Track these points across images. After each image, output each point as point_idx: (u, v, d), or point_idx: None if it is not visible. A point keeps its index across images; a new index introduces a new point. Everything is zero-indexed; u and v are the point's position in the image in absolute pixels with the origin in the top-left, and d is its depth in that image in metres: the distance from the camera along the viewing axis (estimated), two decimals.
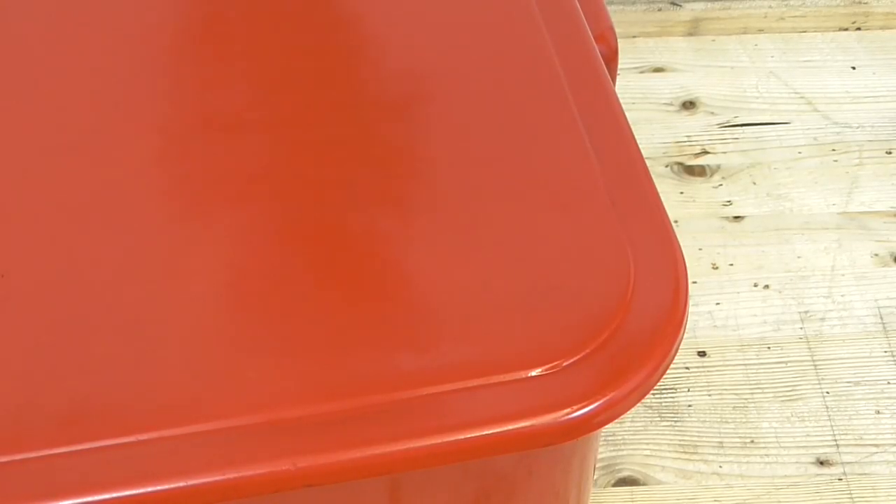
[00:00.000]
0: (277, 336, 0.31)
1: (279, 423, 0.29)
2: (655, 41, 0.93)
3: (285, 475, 0.27)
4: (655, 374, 0.30)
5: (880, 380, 0.69)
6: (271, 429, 0.28)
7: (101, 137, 0.35)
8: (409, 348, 0.29)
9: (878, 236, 0.77)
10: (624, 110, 0.36)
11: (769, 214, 0.79)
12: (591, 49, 0.38)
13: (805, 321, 0.72)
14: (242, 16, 0.40)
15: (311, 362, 0.30)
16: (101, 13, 0.40)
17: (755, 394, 0.68)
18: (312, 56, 0.38)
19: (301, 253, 0.33)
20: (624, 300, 0.30)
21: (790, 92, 0.88)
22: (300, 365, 0.30)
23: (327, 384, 0.29)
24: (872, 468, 0.65)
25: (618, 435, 0.66)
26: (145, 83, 0.37)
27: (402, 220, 0.33)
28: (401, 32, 0.39)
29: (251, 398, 0.29)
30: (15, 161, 0.35)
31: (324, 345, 0.30)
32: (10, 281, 0.31)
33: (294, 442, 0.27)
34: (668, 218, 0.33)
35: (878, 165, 0.82)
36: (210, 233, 0.33)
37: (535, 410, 0.28)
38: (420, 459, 0.28)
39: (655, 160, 0.82)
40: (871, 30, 0.93)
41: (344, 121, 0.36)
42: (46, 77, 0.38)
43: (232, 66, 0.38)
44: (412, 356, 0.29)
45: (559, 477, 0.37)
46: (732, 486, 0.64)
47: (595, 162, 0.34)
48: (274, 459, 0.27)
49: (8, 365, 0.30)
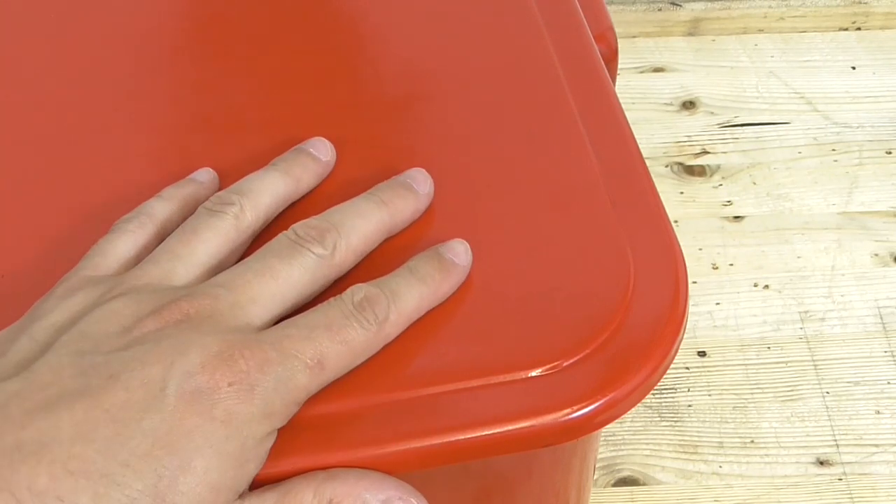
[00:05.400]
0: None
1: None
2: (655, 41, 0.93)
3: (284, 475, 0.27)
4: (655, 375, 0.30)
5: (880, 380, 0.69)
6: None
7: (100, 137, 0.35)
8: (409, 348, 0.29)
9: (878, 236, 0.77)
10: (624, 110, 0.36)
11: (769, 214, 0.79)
12: (591, 49, 0.38)
13: (805, 321, 0.72)
14: (242, 16, 0.40)
15: None
16: (101, 13, 0.40)
17: (755, 394, 0.68)
18: (312, 56, 0.38)
19: None
20: (624, 300, 0.30)
21: (790, 92, 0.88)
22: None
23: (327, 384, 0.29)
24: (872, 468, 0.65)
25: (618, 435, 0.66)
26: (144, 83, 0.37)
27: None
28: (400, 32, 0.39)
29: None
30: (15, 161, 0.35)
31: None
32: (9, 281, 0.31)
33: (294, 442, 0.27)
34: (668, 218, 0.33)
35: (878, 165, 0.82)
36: None
37: (535, 410, 0.28)
38: (420, 459, 0.28)
39: (655, 160, 0.82)
40: (871, 30, 0.93)
41: (342, 121, 0.36)
42: (46, 76, 0.38)
43: (231, 66, 0.38)
44: (412, 356, 0.29)
45: (559, 477, 0.37)
46: (732, 486, 0.64)
47: (595, 162, 0.34)
48: (273, 460, 0.27)
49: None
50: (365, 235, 0.30)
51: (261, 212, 0.31)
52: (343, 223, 0.30)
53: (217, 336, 0.26)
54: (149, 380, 0.25)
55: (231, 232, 0.30)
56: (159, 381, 0.25)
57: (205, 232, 0.29)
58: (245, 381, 0.25)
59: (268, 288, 0.28)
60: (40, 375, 0.25)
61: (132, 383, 0.25)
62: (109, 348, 0.26)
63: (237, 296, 0.27)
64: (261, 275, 0.28)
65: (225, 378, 0.25)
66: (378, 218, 0.30)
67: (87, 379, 0.25)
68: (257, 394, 0.25)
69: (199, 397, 0.25)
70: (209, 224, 0.30)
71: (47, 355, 0.25)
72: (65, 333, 0.26)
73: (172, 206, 0.31)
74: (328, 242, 0.29)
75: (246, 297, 0.27)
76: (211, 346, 0.26)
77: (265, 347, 0.26)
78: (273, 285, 0.28)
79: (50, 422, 0.24)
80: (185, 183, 0.32)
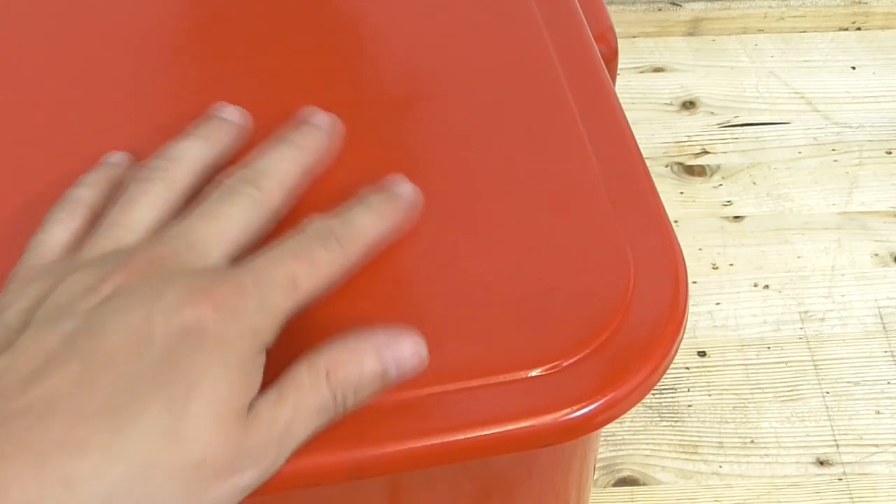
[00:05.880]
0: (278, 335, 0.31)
1: None
2: (655, 41, 0.93)
3: (283, 475, 0.27)
4: (655, 375, 0.30)
5: (880, 380, 0.69)
6: None
7: (101, 137, 0.35)
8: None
9: (878, 236, 0.77)
10: (624, 110, 0.36)
11: (769, 214, 0.79)
12: (591, 49, 0.38)
13: (805, 321, 0.72)
14: (242, 16, 0.40)
15: None
16: (101, 13, 0.40)
17: (755, 394, 0.68)
18: (312, 56, 0.38)
19: None
20: (624, 300, 0.30)
21: (790, 92, 0.88)
22: None
23: None
24: (872, 468, 0.65)
25: (618, 435, 0.66)
26: (144, 83, 0.37)
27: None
28: (399, 32, 0.39)
29: None
30: (14, 161, 0.35)
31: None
32: None
33: None
34: (668, 218, 0.33)
35: (878, 165, 0.82)
36: None
37: (535, 410, 0.28)
38: (420, 459, 0.28)
39: (655, 160, 0.82)
40: (871, 30, 0.93)
41: (342, 120, 0.36)
42: (46, 76, 0.38)
43: (232, 66, 0.38)
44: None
45: (559, 477, 0.37)
46: (732, 486, 0.64)
47: (595, 162, 0.34)
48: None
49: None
50: (287, 173, 0.32)
51: (189, 173, 0.32)
52: (264, 166, 0.31)
53: (186, 276, 0.27)
54: (134, 325, 0.25)
55: (165, 194, 0.31)
56: (145, 324, 0.25)
57: (141, 197, 0.30)
58: (226, 306, 0.26)
59: (215, 229, 0.29)
60: (26, 350, 0.25)
61: (118, 333, 0.25)
62: (85, 308, 0.26)
63: (191, 240, 0.29)
64: (206, 219, 0.29)
65: (207, 307, 0.26)
66: (293, 156, 0.32)
67: (72, 341, 0.25)
68: (240, 315, 0.26)
69: (188, 330, 0.26)
70: (144, 189, 0.31)
71: (27, 331, 0.26)
72: (37, 311, 0.27)
73: (95, 189, 0.32)
74: (258, 183, 0.31)
75: (198, 240, 0.29)
76: (185, 283, 0.26)
77: (237, 276, 0.27)
78: (218, 225, 0.29)
79: (50, 383, 0.24)
80: (100, 168, 0.33)
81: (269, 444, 0.26)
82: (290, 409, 0.26)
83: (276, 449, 0.26)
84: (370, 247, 0.31)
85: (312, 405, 0.27)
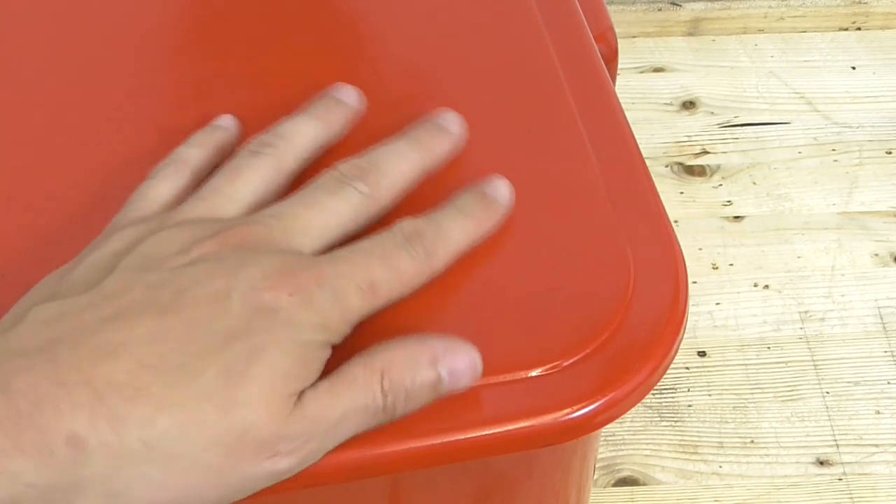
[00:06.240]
0: None
1: None
2: (655, 41, 0.93)
3: None
4: (655, 375, 0.30)
5: (880, 380, 0.69)
6: None
7: (101, 137, 0.35)
8: None
9: (878, 236, 0.77)
10: (624, 110, 0.36)
11: (769, 214, 0.79)
12: (591, 49, 0.38)
13: (805, 321, 0.72)
14: (242, 16, 0.40)
15: None
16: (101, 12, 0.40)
17: (755, 394, 0.68)
18: (312, 56, 0.38)
19: None
20: (624, 300, 0.30)
21: (790, 92, 0.88)
22: None
23: None
24: (872, 468, 0.65)
25: (618, 435, 0.66)
26: (143, 83, 0.37)
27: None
28: (399, 32, 0.39)
29: None
30: (15, 160, 0.35)
31: None
32: (9, 281, 0.31)
33: None
34: (668, 218, 0.33)
35: (878, 165, 0.82)
36: None
37: (535, 410, 0.28)
38: (420, 459, 0.28)
39: (655, 160, 0.82)
40: (871, 30, 0.93)
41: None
42: (46, 76, 0.38)
43: (231, 66, 0.38)
44: None
45: (559, 477, 0.37)
46: (732, 486, 0.64)
47: (595, 162, 0.34)
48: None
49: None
50: (404, 174, 0.31)
51: (299, 153, 0.32)
52: (384, 163, 0.31)
53: (275, 256, 0.27)
54: (215, 292, 0.26)
55: (272, 172, 0.31)
56: (225, 292, 0.26)
57: (247, 171, 0.31)
58: (304, 292, 0.26)
59: (316, 219, 0.29)
60: (110, 290, 0.26)
61: (199, 295, 0.26)
62: (172, 266, 0.27)
63: (288, 224, 0.29)
64: (309, 207, 0.29)
65: (286, 289, 0.26)
66: (415, 157, 0.32)
67: (155, 292, 0.26)
68: (315, 305, 0.27)
69: (263, 306, 0.26)
70: (252, 164, 0.31)
71: (114, 274, 0.27)
72: (126, 257, 0.27)
73: (203, 152, 0.33)
74: (371, 180, 0.30)
75: (296, 227, 0.29)
76: (270, 263, 0.27)
77: (321, 267, 0.27)
78: (320, 217, 0.29)
79: (124, 327, 0.25)
80: (210, 129, 0.34)
81: (312, 435, 0.26)
82: (339, 403, 0.26)
83: (318, 442, 0.26)
84: (458, 254, 0.30)
85: (362, 404, 0.27)
